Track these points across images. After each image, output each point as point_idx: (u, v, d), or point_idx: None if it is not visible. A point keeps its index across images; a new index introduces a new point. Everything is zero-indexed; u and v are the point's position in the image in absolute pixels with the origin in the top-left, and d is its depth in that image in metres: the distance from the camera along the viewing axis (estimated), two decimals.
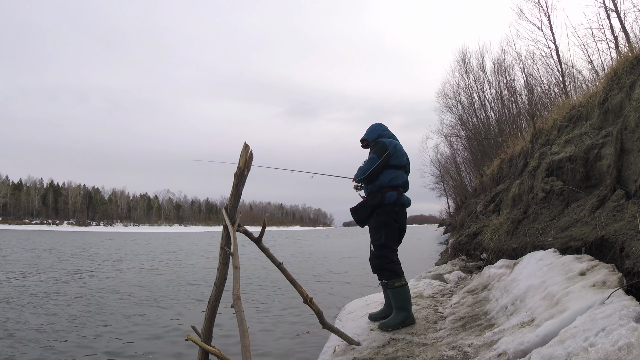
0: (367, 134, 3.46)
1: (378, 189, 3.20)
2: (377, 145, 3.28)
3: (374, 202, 3.19)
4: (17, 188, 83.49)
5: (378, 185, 3.21)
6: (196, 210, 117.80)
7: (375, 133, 3.42)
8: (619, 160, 3.70)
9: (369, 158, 3.27)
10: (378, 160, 3.18)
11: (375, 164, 3.17)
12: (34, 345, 3.76)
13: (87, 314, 5.04)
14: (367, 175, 3.20)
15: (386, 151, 3.21)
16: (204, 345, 2.11)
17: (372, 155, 3.24)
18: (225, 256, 2.43)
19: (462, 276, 5.00)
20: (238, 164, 2.48)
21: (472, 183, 21.96)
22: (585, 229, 3.41)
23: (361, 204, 3.29)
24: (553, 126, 6.40)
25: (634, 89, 3.92)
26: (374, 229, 3.20)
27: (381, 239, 3.15)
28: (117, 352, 3.62)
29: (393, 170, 3.25)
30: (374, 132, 3.43)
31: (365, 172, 3.21)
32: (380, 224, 3.17)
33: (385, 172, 3.22)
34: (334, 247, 21.40)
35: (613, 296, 2.06)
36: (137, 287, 7.25)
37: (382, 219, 3.18)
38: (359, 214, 3.29)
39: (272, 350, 3.67)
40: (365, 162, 3.29)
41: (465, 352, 2.37)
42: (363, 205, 3.27)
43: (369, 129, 3.48)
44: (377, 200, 3.18)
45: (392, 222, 3.20)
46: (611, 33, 8.54)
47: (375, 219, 3.20)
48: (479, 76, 19.01)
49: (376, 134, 3.41)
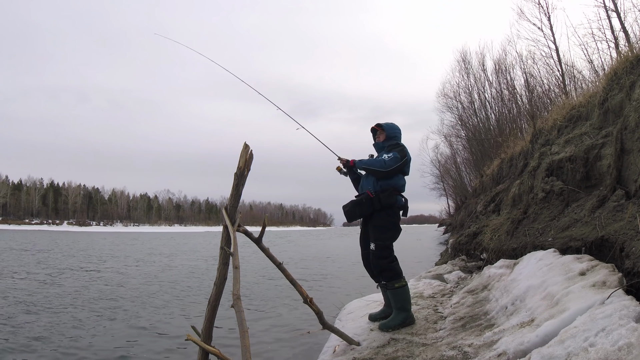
0: (388, 128, 3.39)
1: (392, 190, 3.17)
2: (399, 146, 3.27)
3: (388, 201, 3.13)
4: (17, 188, 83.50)
5: (392, 186, 3.18)
6: (196, 210, 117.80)
7: (395, 132, 3.39)
8: (619, 160, 3.70)
9: (392, 155, 3.17)
10: (400, 161, 3.18)
11: (399, 164, 3.16)
12: (41, 345, 3.76)
13: (87, 313, 5.04)
14: (388, 171, 3.14)
15: (405, 157, 3.23)
16: (204, 345, 2.12)
17: (395, 154, 3.18)
18: (225, 256, 2.43)
19: (462, 276, 5.00)
20: (238, 164, 2.48)
21: (472, 183, 21.94)
22: (585, 229, 3.41)
23: (367, 199, 3.17)
24: (553, 126, 6.40)
25: (634, 89, 3.92)
26: (381, 228, 3.15)
27: (388, 240, 3.15)
28: (117, 352, 3.61)
29: (402, 176, 3.28)
30: (395, 130, 3.40)
31: (388, 167, 3.13)
32: (390, 224, 3.17)
33: (399, 176, 3.24)
34: (334, 247, 21.40)
35: (613, 296, 2.07)
36: (138, 287, 7.25)
37: (392, 220, 3.18)
38: (363, 208, 3.18)
39: (272, 350, 3.66)
40: (387, 157, 3.18)
41: (465, 352, 2.37)
42: (370, 201, 3.15)
43: (392, 125, 3.43)
44: (392, 201, 3.15)
45: (398, 224, 3.23)
46: (611, 33, 8.54)
47: (385, 218, 3.16)
48: (479, 76, 19.04)
49: (395, 133, 3.39)
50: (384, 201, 3.13)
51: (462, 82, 20.28)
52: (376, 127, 3.44)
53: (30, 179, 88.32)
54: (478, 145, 19.64)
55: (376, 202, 3.14)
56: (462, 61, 19.88)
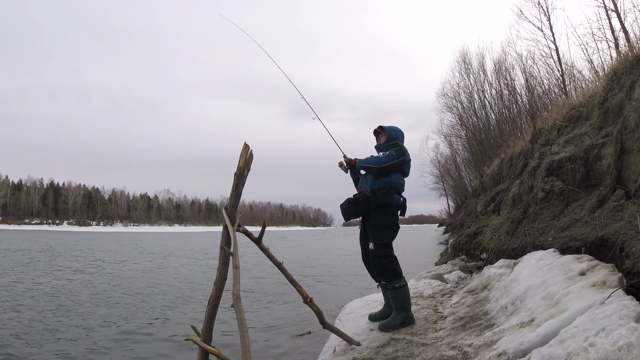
0: (389, 130, 3.42)
1: (389, 188, 3.18)
2: (398, 146, 3.30)
3: (385, 199, 3.14)
4: (17, 188, 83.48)
5: (389, 184, 3.19)
6: (196, 210, 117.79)
7: (396, 134, 3.42)
8: (619, 160, 3.70)
9: (388, 153, 3.20)
10: (397, 159, 3.19)
11: (394, 161, 3.18)
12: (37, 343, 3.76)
13: (87, 313, 5.04)
14: (382, 167, 3.16)
15: (404, 155, 3.25)
16: (204, 345, 2.12)
17: (391, 152, 3.20)
18: (225, 256, 2.43)
19: (462, 276, 5.00)
20: (238, 164, 2.48)
21: (472, 183, 21.94)
22: (585, 229, 3.41)
23: (363, 197, 3.17)
24: (553, 126, 6.40)
25: (634, 89, 3.92)
26: (379, 227, 3.15)
27: (386, 238, 3.16)
28: (117, 352, 3.61)
29: (401, 176, 3.30)
30: (397, 132, 3.43)
31: (382, 163, 3.15)
32: (388, 222, 3.18)
33: (397, 175, 3.26)
34: (335, 247, 21.40)
35: (613, 296, 2.06)
36: (139, 286, 7.25)
37: (390, 219, 3.19)
38: (359, 207, 3.19)
39: (272, 350, 3.66)
40: (383, 154, 3.22)
41: (465, 352, 2.37)
42: (366, 199, 3.16)
43: (395, 127, 3.47)
44: (389, 199, 3.15)
45: (396, 223, 3.24)
46: (611, 33, 8.53)
47: (382, 217, 3.16)
48: (479, 76, 19.04)
49: (396, 135, 3.42)
50: (380, 199, 3.13)
51: (462, 82, 20.31)
52: (378, 129, 3.47)
53: (30, 179, 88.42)
54: (478, 145, 19.64)
55: (372, 201, 3.14)
56: (462, 61, 19.90)
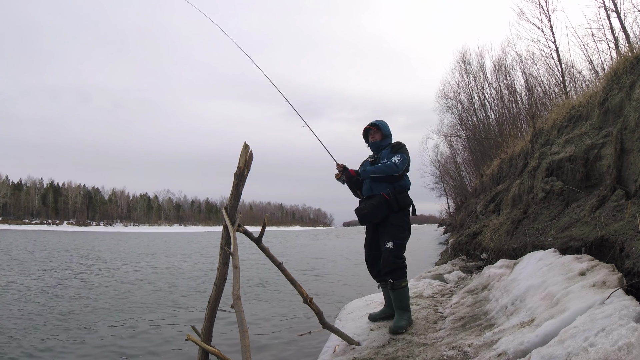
0: (383, 126, 3.41)
1: (405, 190, 3.25)
2: (402, 147, 3.30)
3: (406, 201, 3.22)
4: (17, 188, 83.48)
5: (405, 187, 3.26)
6: (196, 210, 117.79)
7: (389, 129, 3.44)
8: (619, 160, 3.70)
9: (401, 158, 3.19)
10: (409, 162, 3.25)
11: (407, 165, 3.24)
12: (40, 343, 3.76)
13: (86, 312, 5.04)
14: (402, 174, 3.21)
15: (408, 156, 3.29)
16: (204, 345, 2.12)
17: (403, 156, 3.21)
18: (225, 256, 2.43)
19: (462, 276, 5.00)
20: (238, 164, 2.48)
21: (472, 183, 21.95)
22: (585, 229, 3.41)
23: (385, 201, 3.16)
24: (553, 126, 6.40)
25: (634, 89, 3.92)
26: (399, 227, 3.19)
27: (405, 239, 3.21)
28: (117, 352, 3.61)
29: (408, 176, 3.35)
30: (388, 127, 3.45)
31: (400, 170, 3.17)
32: (407, 224, 3.25)
33: (407, 176, 3.32)
34: (335, 247, 21.40)
35: (613, 296, 2.06)
36: (137, 286, 7.25)
37: (408, 220, 3.27)
38: (378, 211, 3.15)
39: (272, 350, 3.66)
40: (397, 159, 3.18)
41: (465, 352, 2.37)
42: (387, 203, 3.16)
43: (384, 122, 3.45)
44: (408, 201, 3.24)
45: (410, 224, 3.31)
46: (611, 33, 8.54)
47: (402, 218, 3.23)
48: (479, 76, 19.05)
49: (389, 131, 3.44)
50: (401, 202, 3.20)
51: (462, 83, 20.32)
52: (371, 126, 3.43)
53: (30, 179, 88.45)
54: (478, 145, 19.64)
55: (394, 204, 3.17)
56: (462, 62, 19.90)
